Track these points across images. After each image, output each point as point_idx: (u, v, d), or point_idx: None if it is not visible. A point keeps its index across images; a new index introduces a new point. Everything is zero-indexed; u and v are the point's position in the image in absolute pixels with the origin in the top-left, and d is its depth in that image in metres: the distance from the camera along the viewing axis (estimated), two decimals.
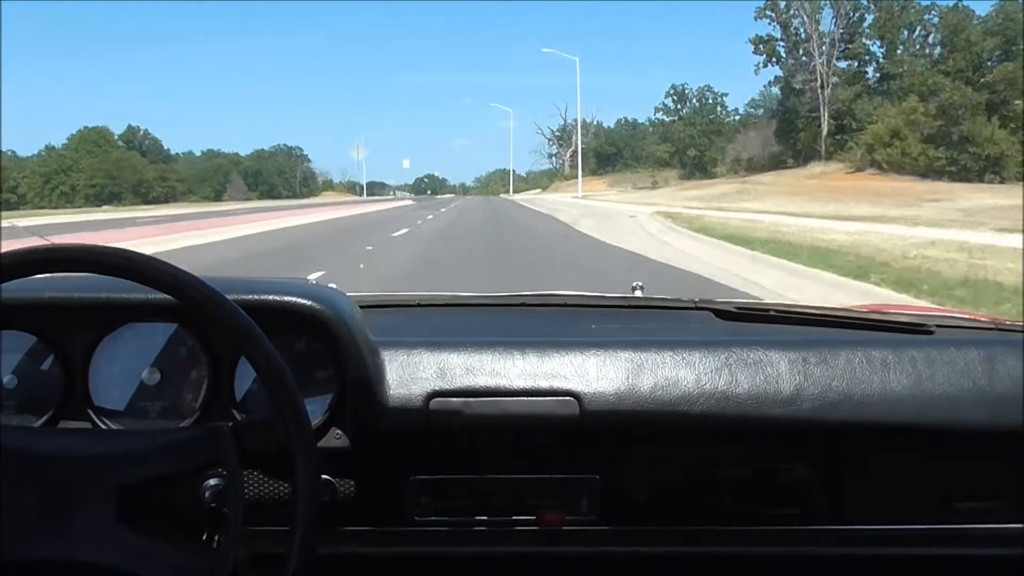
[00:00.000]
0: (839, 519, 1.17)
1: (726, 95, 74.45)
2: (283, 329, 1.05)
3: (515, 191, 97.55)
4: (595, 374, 1.10)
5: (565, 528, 1.15)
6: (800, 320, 1.35)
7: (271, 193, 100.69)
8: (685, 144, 67.93)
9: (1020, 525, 1.16)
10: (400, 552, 1.17)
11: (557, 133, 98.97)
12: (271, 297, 1.04)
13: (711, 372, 1.10)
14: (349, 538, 1.15)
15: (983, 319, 1.46)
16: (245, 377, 1.08)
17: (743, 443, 1.16)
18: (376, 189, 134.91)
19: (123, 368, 1.09)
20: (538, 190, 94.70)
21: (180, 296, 0.84)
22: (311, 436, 0.86)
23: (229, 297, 0.85)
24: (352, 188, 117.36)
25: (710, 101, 72.77)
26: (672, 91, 74.25)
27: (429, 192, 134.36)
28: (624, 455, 1.16)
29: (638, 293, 1.65)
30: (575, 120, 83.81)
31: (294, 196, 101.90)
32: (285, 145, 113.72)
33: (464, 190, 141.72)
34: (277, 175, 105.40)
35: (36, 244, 0.83)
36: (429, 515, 1.15)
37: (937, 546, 1.17)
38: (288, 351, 1.07)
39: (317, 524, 0.84)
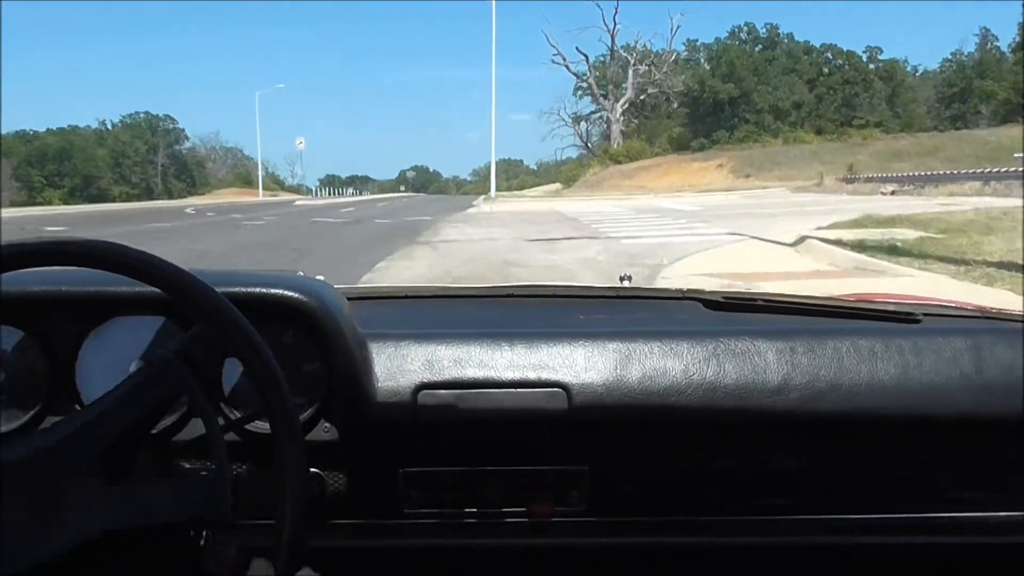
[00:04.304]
0: (828, 508, 1.17)
1: None
2: (271, 322, 1.05)
3: (519, 188, 63.34)
4: (583, 365, 1.11)
5: (555, 520, 1.16)
6: (787, 310, 1.34)
7: (88, 189, 71.63)
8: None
9: (1009, 513, 1.17)
10: (390, 545, 1.18)
11: (594, 74, 59.80)
12: (259, 290, 1.04)
13: (699, 362, 1.11)
14: (339, 531, 1.16)
15: (970, 307, 1.44)
16: (234, 370, 1.09)
17: (732, 433, 1.15)
18: (359, 184, 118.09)
19: (110, 362, 1.08)
20: (556, 185, 60.47)
21: (168, 289, 0.84)
22: (298, 429, 0.86)
23: (217, 290, 0.86)
24: (299, 188, 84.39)
25: None
26: None
27: (403, 188, 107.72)
28: (613, 446, 1.16)
29: (626, 283, 1.64)
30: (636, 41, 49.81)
31: (146, 194, 73.72)
32: (144, 114, 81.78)
33: (458, 185, 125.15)
34: (122, 157, 75.65)
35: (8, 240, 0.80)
36: (419, 507, 1.16)
37: (927, 535, 1.18)
38: (276, 344, 1.05)
39: (306, 517, 0.85)
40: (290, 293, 1.05)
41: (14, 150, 72.41)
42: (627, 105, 57.26)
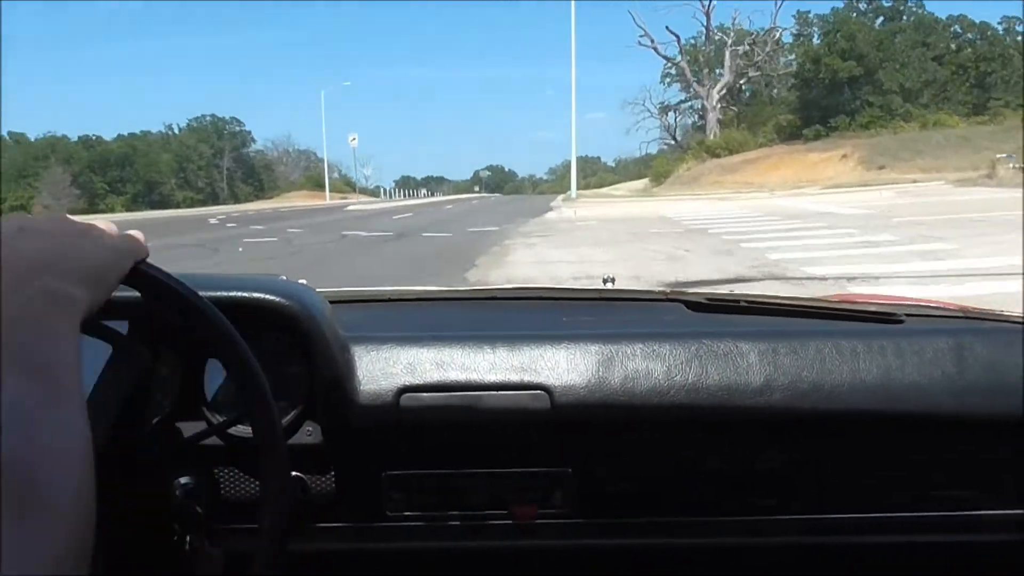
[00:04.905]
0: (813, 508, 1.17)
1: None
2: (253, 325, 1.03)
3: (597, 186, 57.07)
4: (566, 367, 1.11)
5: (538, 522, 1.16)
6: (770, 311, 1.35)
7: (150, 195, 69.35)
8: None
9: (994, 511, 1.17)
10: (373, 548, 1.18)
11: (686, 57, 53.11)
12: (240, 294, 1.04)
13: (681, 364, 1.11)
14: (321, 535, 1.15)
15: (952, 307, 1.45)
16: (216, 374, 1.09)
17: (715, 434, 1.16)
18: (433, 185, 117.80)
19: (90, 367, 1.04)
20: (641, 183, 54.13)
21: (146, 292, 0.83)
22: (280, 433, 0.86)
23: (199, 294, 0.85)
24: (350, 187, 79.76)
25: None
26: None
27: (477, 189, 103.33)
28: (596, 448, 1.16)
29: (609, 285, 1.65)
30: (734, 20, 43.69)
31: (211, 198, 71.01)
32: (210, 116, 78.51)
33: (533, 185, 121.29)
34: (186, 162, 72.69)
35: None
36: (402, 511, 1.15)
37: (913, 534, 1.18)
38: (258, 347, 1.01)
39: (288, 521, 0.85)
40: (271, 297, 1.04)
41: (76, 156, 70.53)
42: (724, 91, 50.64)
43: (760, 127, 48.21)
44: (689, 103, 58.07)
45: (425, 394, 1.10)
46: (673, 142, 59.72)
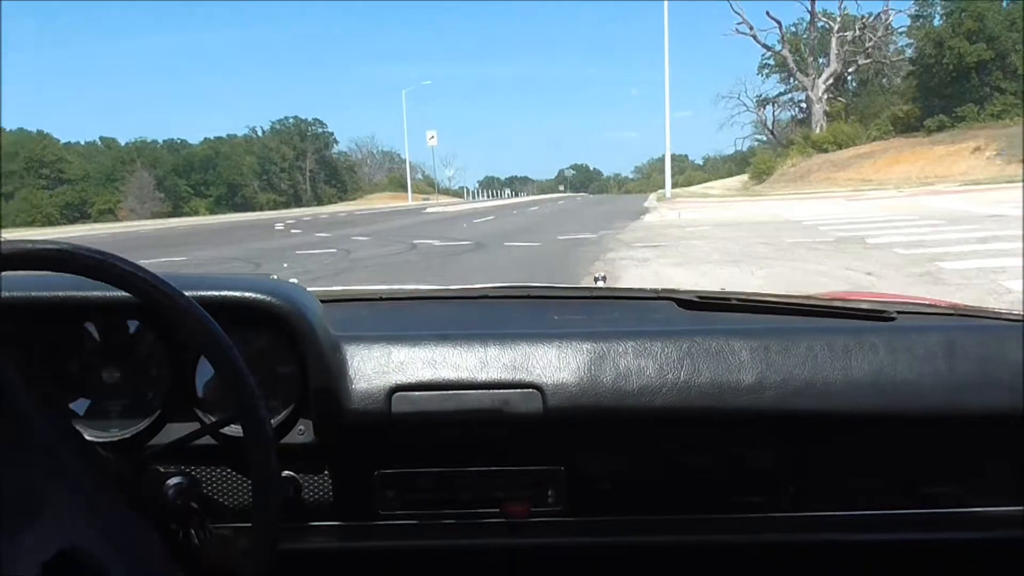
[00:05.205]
0: (805, 506, 1.17)
1: None
2: (244, 325, 1.06)
3: (685, 184, 53.83)
4: (557, 366, 1.11)
5: (531, 520, 1.17)
6: (761, 308, 1.34)
7: (233, 197, 68.96)
8: None
9: (985, 508, 1.17)
10: (366, 547, 1.18)
11: (787, 45, 48.87)
12: (231, 293, 1.04)
13: (673, 362, 1.11)
14: (314, 533, 1.16)
15: (943, 305, 1.44)
16: (207, 374, 1.09)
17: (707, 432, 1.16)
18: (517, 185, 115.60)
19: (84, 367, 1.08)
20: (738, 180, 50.44)
21: (140, 294, 0.84)
22: (269, 432, 0.86)
23: (189, 294, 0.86)
24: (430, 187, 77.92)
25: None
26: None
27: (562, 188, 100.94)
28: (588, 446, 1.16)
29: (600, 284, 1.65)
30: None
31: (294, 201, 70.42)
32: (293, 119, 77.69)
33: (619, 184, 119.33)
34: (269, 164, 71.14)
35: None
36: (394, 509, 1.16)
37: (903, 531, 1.18)
38: (249, 348, 1.06)
39: (280, 520, 0.86)
40: (261, 296, 1.04)
41: (162, 159, 70.66)
42: (830, 81, 46.65)
43: (872, 119, 43.87)
44: (789, 95, 54.09)
45: (417, 393, 1.09)
46: (770, 137, 55.82)
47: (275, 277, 1.17)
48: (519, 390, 1.10)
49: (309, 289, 1.15)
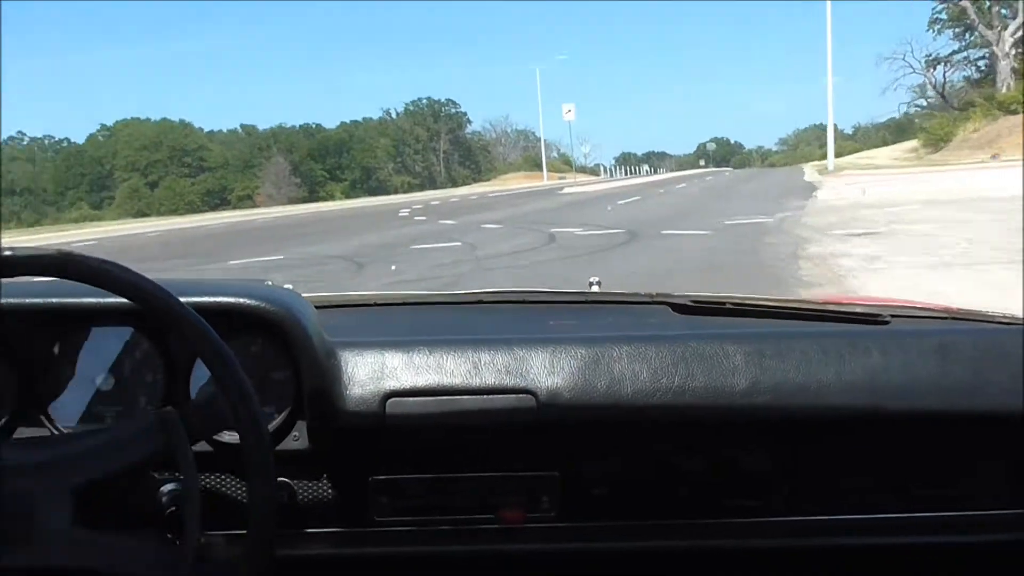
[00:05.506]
0: (800, 510, 1.17)
1: None
2: (239, 331, 1.06)
3: (837, 155, 49.05)
4: (551, 371, 1.11)
5: (526, 526, 1.16)
6: (756, 313, 1.34)
7: (368, 181, 67.55)
8: None
9: (980, 512, 1.17)
10: (360, 553, 1.17)
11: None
12: (225, 299, 1.04)
13: (667, 367, 1.11)
14: (309, 540, 1.16)
15: (937, 308, 1.44)
16: (201, 380, 1.09)
17: (701, 437, 1.16)
18: (654, 160, 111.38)
19: (79, 373, 1.09)
20: (904, 146, 45.42)
21: (137, 300, 0.85)
22: (266, 438, 0.87)
23: (184, 300, 0.87)
24: (564, 165, 75.14)
25: None
26: None
27: (702, 163, 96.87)
28: (583, 451, 1.16)
29: (595, 288, 1.62)
30: None
31: (428, 183, 68.96)
32: (426, 100, 76.22)
33: (762, 157, 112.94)
34: (403, 146, 69.53)
35: None
36: (389, 515, 1.15)
37: (897, 535, 1.18)
38: (244, 354, 1.06)
39: (275, 527, 0.86)
40: (256, 302, 1.04)
41: (297, 144, 71.04)
42: (1019, 33, 41.03)
43: None
44: (964, 53, 48.44)
45: (411, 398, 1.09)
46: (940, 101, 50.20)
47: (269, 283, 1.15)
48: (513, 395, 1.09)
49: (304, 295, 1.13)
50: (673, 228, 12.54)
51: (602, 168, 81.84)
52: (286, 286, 1.16)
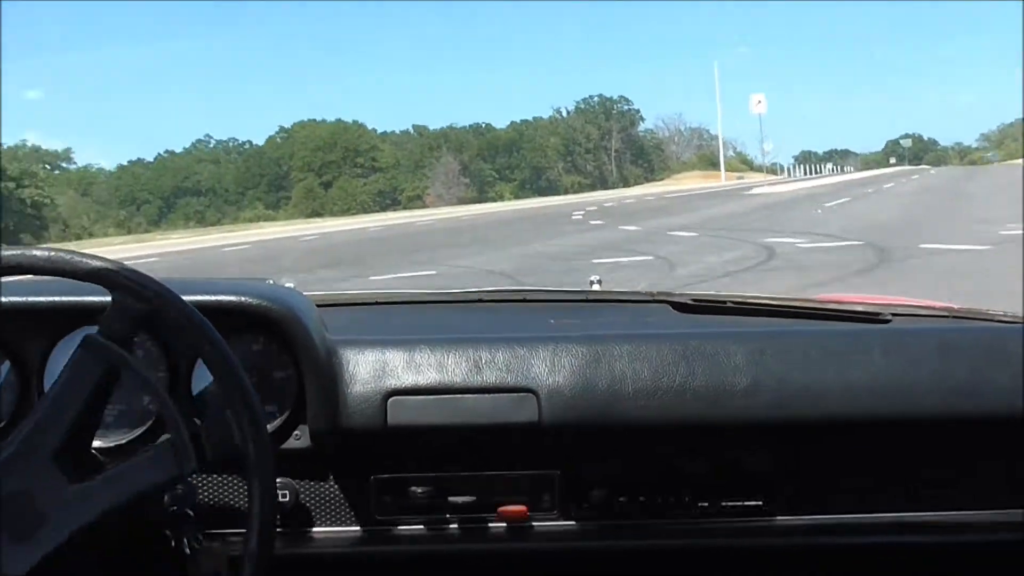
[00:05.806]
0: (801, 509, 1.17)
1: None
2: (240, 330, 1.07)
3: None
4: (552, 369, 1.11)
5: (527, 524, 1.17)
6: (757, 311, 1.34)
7: (538, 180, 64.14)
8: None
9: (981, 512, 1.17)
10: (362, 552, 1.18)
11: None
12: (227, 298, 1.05)
13: (668, 366, 1.11)
14: (311, 539, 1.16)
15: (938, 307, 1.42)
16: (202, 379, 1.09)
17: (702, 435, 1.16)
18: (837, 159, 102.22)
19: None
20: None
21: (139, 299, 0.86)
22: (266, 438, 0.87)
23: (186, 298, 0.88)
24: (747, 165, 71.02)
25: None
26: None
27: (893, 161, 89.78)
28: (584, 450, 1.17)
29: (596, 287, 1.62)
30: None
31: (599, 183, 66.59)
32: (598, 97, 73.64)
33: (960, 154, 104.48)
34: (573, 145, 67.25)
35: None
36: (391, 514, 1.16)
37: (900, 534, 1.18)
38: (246, 352, 1.08)
39: (276, 526, 0.88)
40: (258, 301, 1.04)
41: (467, 144, 70.58)
42: None
43: None
44: None
45: (413, 397, 1.09)
46: None
47: (271, 282, 1.14)
48: (514, 394, 1.09)
49: (305, 293, 1.12)
50: (930, 241, 9.68)
51: (779, 167, 77.15)
52: (287, 284, 1.15)
